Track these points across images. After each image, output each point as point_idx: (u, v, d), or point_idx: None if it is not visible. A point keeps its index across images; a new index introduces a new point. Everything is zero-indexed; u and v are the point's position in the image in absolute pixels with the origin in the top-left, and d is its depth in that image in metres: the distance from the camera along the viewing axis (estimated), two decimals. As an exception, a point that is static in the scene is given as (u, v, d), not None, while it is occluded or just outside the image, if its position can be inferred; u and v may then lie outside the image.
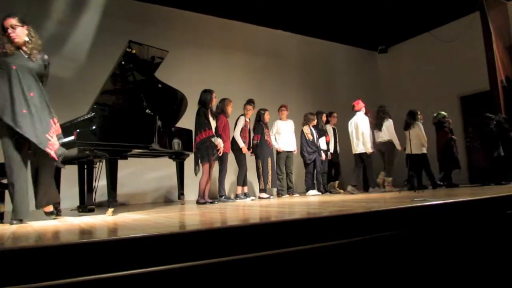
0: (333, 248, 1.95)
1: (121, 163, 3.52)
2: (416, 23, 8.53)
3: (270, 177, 6.03)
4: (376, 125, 6.40)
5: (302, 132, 6.82)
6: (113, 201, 3.38)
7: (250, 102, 6.01)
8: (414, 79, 9.22)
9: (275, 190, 6.57)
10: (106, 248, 1.56)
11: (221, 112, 5.49)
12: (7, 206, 3.49)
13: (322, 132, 7.01)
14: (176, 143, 4.32)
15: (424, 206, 2.66)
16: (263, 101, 7.72)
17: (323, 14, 7.87)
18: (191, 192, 6.21)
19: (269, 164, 6.04)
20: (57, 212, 3.95)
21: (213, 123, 5.05)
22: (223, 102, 5.55)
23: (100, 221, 2.79)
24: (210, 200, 5.06)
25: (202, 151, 4.90)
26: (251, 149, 6.06)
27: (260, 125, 6.13)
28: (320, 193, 6.67)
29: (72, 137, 3.19)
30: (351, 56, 9.82)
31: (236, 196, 5.81)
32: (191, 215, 3.07)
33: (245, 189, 5.89)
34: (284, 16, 7.97)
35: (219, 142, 4.97)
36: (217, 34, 7.70)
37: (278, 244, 1.85)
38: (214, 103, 5.15)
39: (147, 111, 3.91)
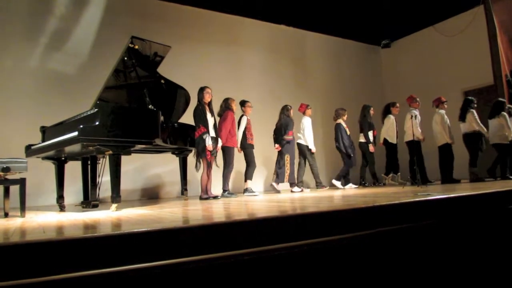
0: (337, 243, 1.96)
1: (124, 158, 3.53)
2: (419, 17, 8.46)
3: (296, 173, 6.24)
4: (460, 117, 6.40)
5: (340, 125, 6.88)
6: (116, 197, 3.39)
7: (247, 101, 6.06)
8: (418, 73, 9.16)
9: (281, 184, 6.59)
10: (110, 242, 1.57)
11: (226, 109, 5.55)
12: (13, 202, 3.52)
13: (371, 126, 7.00)
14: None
15: (427, 200, 2.66)
16: (264, 97, 7.73)
17: (326, 8, 7.81)
18: (195, 188, 6.24)
19: (292, 160, 6.24)
20: (61, 208, 3.99)
21: (211, 120, 5.02)
22: (227, 101, 5.63)
23: (104, 216, 2.81)
24: (214, 195, 5.06)
25: (199, 145, 4.84)
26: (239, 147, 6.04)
27: (292, 121, 6.34)
28: (356, 186, 6.83)
29: (75, 133, 3.20)
30: (354, 51, 9.77)
31: (246, 190, 5.85)
32: (195, 210, 3.09)
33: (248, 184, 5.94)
34: (286, 11, 7.92)
35: (209, 144, 4.83)
36: (219, 29, 7.68)
37: (281, 238, 1.86)
38: (208, 98, 5.07)
39: (150, 106, 3.91)
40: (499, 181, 5.90)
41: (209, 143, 4.83)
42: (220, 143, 5.14)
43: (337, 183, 6.71)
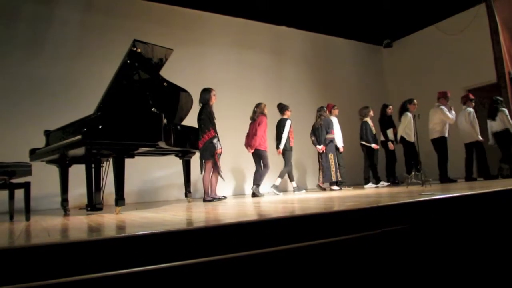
0: (342, 243, 1.95)
1: (128, 161, 3.54)
2: (421, 16, 8.44)
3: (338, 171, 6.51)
4: (489, 115, 6.43)
5: (366, 123, 6.96)
6: (120, 200, 3.40)
7: (287, 105, 6.37)
8: (420, 72, 9.14)
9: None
10: (115, 245, 1.57)
11: (260, 114, 5.85)
12: (17, 205, 3.54)
13: (390, 124, 6.98)
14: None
15: (432, 200, 2.65)
16: (266, 98, 7.70)
17: (327, 9, 7.82)
18: (199, 190, 6.24)
19: (335, 158, 6.49)
20: (65, 211, 4.01)
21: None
22: (260, 105, 5.92)
23: (108, 219, 2.82)
24: (219, 197, 5.05)
25: (208, 149, 4.83)
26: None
27: (331, 121, 6.59)
28: (376, 185, 6.85)
29: (79, 136, 3.21)
30: (356, 51, 9.77)
31: (296, 188, 6.28)
32: (199, 212, 3.09)
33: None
34: (287, 12, 7.93)
35: (220, 147, 4.89)
36: (221, 31, 7.69)
37: (285, 240, 1.86)
38: (214, 100, 5.08)
39: (153, 109, 3.92)
40: None
41: (219, 146, 4.86)
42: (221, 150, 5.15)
43: (371, 185, 6.84)
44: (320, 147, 6.41)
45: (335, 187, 6.36)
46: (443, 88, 7.91)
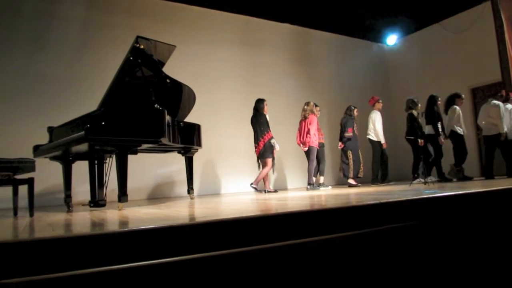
0: (344, 240, 1.95)
1: (131, 158, 3.54)
2: (425, 14, 8.40)
3: (362, 167, 6.71)
4: None
5: (411, 115, 6.69)
6: (123, 196, 3.41)
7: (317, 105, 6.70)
8: (424, 71, 9.09)
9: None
10: (118, 239, 1.58)
11: (311, 112, 6.32)
12: (21, 202, 3.56)
13: (439, 117, 6.66)
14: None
15: (434, 198, 2.64)
16: (270, 95, 7.69)
17: (331, 7, 7.79)
18: (201, 186, 6.25)
19: (360, 155, 6.70)
20: (68, 207, 4.02)
21: None
22: (309, 104, 6.38)
23: (111, 215, 2.83)
24: (273, 190, 5.80)
25: (268, 148, 5.62)
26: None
27: (352, 120, 6.80)
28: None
29: (82, 133, 3.22)
30: (360, 49, 9.73)
31: (321, 185, 6.54)
32: (202, 208, 3.09)
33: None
34: (290, 10, 7.91)
35: (277, 146, 5.72)
36: (224, 28, 7.68)
37: (285, 236, 1.86)
38: (266, 110, 5.84)
39: (155, 106, 3.92)
40: None
41: (277, 145, 5.69)
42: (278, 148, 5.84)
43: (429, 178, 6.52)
44: (339, 144, 6.81)
45: (352, 182, 6.59)
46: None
